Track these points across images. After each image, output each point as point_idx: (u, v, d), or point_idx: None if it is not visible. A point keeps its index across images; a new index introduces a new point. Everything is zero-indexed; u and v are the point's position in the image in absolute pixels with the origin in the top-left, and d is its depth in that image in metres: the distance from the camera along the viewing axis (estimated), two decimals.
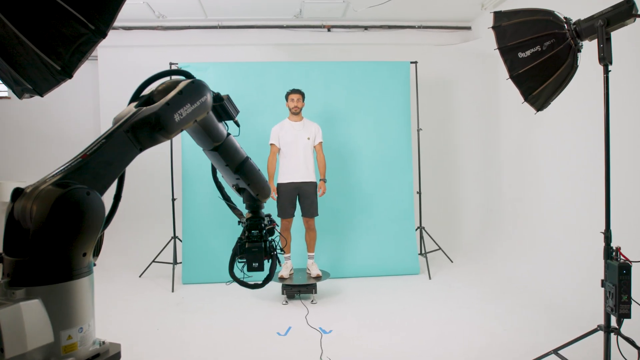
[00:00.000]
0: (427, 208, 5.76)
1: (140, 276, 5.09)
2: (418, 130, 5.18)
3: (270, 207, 4.40)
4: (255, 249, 1.83)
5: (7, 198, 5.83)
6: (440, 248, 5.38)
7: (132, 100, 1.45)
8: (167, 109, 1.33)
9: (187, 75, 1.52)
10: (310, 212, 4.27)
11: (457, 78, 6.21)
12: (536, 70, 2.27)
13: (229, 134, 1.66)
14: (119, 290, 4.63)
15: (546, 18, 2.25)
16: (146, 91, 1.51)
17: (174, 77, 1.53)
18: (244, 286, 1.86)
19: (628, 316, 2.09)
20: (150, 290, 4.60)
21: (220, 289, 4.43)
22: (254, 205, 1.89)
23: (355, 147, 5.11)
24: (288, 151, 4.25)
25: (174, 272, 4.68)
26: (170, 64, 4.91)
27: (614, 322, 2.26)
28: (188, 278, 4.77)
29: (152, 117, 1.29)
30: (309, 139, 4.25)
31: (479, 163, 6.09)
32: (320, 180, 4.30)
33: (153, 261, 5.04)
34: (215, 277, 4.62)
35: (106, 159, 1.23)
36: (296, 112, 4.26)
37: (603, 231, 2.25)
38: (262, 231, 1.86)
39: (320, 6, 5.53)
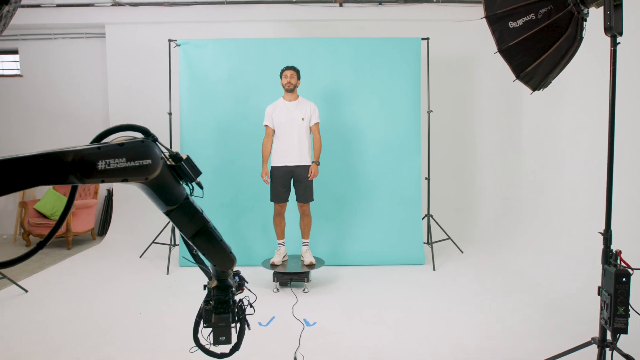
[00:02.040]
0: (438, 195, 5.47)
1: (140, 256, 5.06)
2: (428, 112, 4.84)
3: (263, 191, 4.24)
4: (222, 323, 1.67)
5: None
6: (449, 237, 5.07)
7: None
8: (96, 152, 1.14)
9: (146, 133, 1.32)
10: (304, 197, 4.06)
11: (477, 56, 5.79)
12: (530, 43, 1.95)
13: (187, 198, 1.46)
14: (116, 270, 4.61)
15: None
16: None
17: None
18: (209, 355, 1.73)
19: (624, 331, 1.80)
20: (146, 272, 4.56)
21: None
22: (219, 273, 1.71)
23: (360, 128, 4.83)
24: (282, 132, 4.02)
25: (169, 254, 4.60)
26: (169, 40, 4.74)
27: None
28: (185, 260, 4.68)
29: (72, 154, 1.10)
30: (303, 119, 4.01)
31: (497, 148, 5.70)
32: (312, 162, 4.06)
33: (153, 242, 4.99)
34: None
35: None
36: (290, 89, 4.01)
37: (602, 231, 1.94)
38: (229, 301, 1.69)
39: None
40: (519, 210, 5.28)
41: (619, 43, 1.85)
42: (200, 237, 1.56)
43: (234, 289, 1.77)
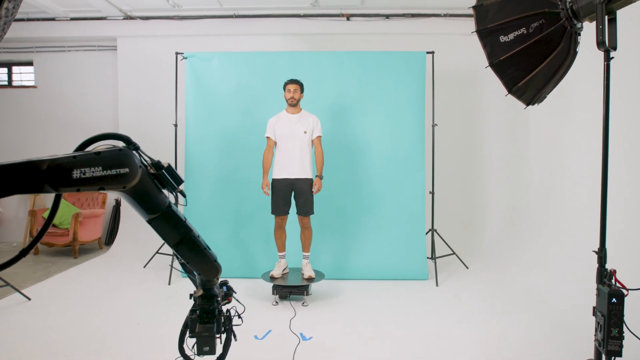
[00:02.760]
0: (443, 209, 5.41)
1: (144, 266, 5.09)
2: (433, 126, 4.81)
3: (266, 203, 4.24)
4: (205, 332, 1.66)
5: None
6: (454, 252, 5.00)
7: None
8: (71, 161, 1.15)
9: (127, 141, 1.34)
10: (304, 210, 4.04)
11: (483, 69, 5.72)
12: (521, 57, 1.93)
13: (169, 206, 1.46)
14: (120, 280, 4.64)
15: None
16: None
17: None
18: None
19: (619, 354, 1.73)
20: (148, 282, 4.57)
21: None
22: (204, 282, 1.70)
23: (365, 141, 4.81)
24: (283, 145, 4.04)
25: (172, 265, 4.62)
26: (177, 53, 4.81)
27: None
28: None
29: (47, 162, 1.11)
30: (305, 132, 4.01)
31: (503, 162, 5.64)
32: (316, 176, 4.06)
33: (156, 252, 5.02)
34: None
35: None
36: (293, 104, 4.03)
37: (597, 250, 1.89)
38: (215, 311, 1.70)
39: None
40: (525, 225, 5.19)
41: (612, 57, 1.82)
42: (184, 246, 1.55)
43: (219, 299, 1.75)
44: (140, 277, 4.75)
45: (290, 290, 3.93)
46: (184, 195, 1.52)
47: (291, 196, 4.09)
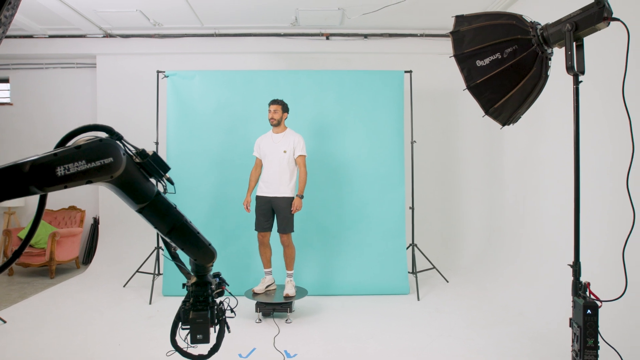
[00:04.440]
0: (424, 225, 5.51)
1: (124, 286, 5.01)
2: (412, 143, 4.93)
3: (248, 220, 4.26)
4: (200, 319, 1.64)
5: (6, 203, 5.94)
6: (434, 267, 5.08)
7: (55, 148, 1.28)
8: (52, 159, 1.13)
9: (109, 131, 1.33)
10: (282, 228, 4.07)
11: (459, 88, 5.92)
12: (497, 80, 2.03)
13: (158, 194, 1.46)
14: (99, 300, 4.55)
15: (509, 22, 2.01)
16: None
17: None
18: (187, 357, 1.70)
19: None
20: (129, 301, 4.50)
21: None
22: (199, 268, 1.69)
23: (345, 158, 4.89)
24: (266, 164, 4.12)
25: (153, 284, 4.56)
26: (158, 72, 4.83)
27: None
28: (168, 290, 4.65)
29: (29, 164, 1.10)
30: (285, 151, 4.07)
31: (481, 178, 5.79)
32: (296, 195, 4.10)
33: (137, 271, 4.95)
34: None
35: None
36: (273, 124, 4.10)
37: (571, 263, 1.98)
38: (209, 298, 1.67)
39: (316, 14, 5.38)
40: (503, 239, 5.31)
41: (581, 81, 1.93)
42: (177, 232, 1.53)
43: (213, 287, 1.73)
44: (120, 296, 4.67)
45: (273, 307, 3.94)
46: (172, 183, 1.51)
47: (273, 213, 4.12)
